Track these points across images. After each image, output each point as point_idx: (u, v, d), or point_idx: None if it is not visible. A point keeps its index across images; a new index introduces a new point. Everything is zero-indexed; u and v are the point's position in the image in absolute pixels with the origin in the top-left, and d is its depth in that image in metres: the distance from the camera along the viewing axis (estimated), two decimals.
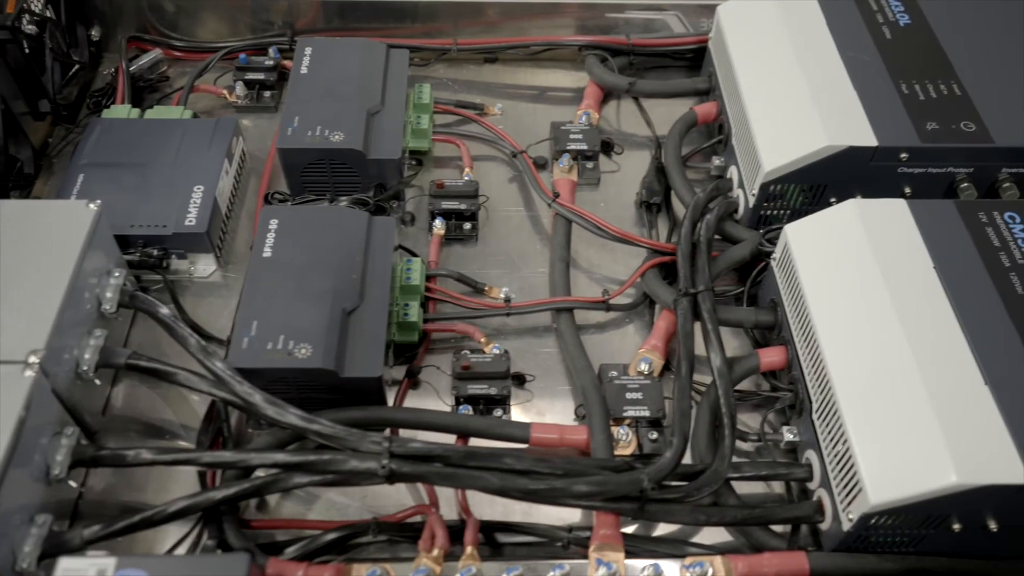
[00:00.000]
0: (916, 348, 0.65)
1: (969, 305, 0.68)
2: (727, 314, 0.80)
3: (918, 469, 0.60)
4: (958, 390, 0.63)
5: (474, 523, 0.68)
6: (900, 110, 0.82)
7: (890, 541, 0.66)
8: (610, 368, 0.79)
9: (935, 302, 0.68)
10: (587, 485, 0.63)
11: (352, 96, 0.90)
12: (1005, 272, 0.70)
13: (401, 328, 0.79)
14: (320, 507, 0.73)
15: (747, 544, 0.71)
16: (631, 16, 1.06)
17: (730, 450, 0.69)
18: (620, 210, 0.94)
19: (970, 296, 0.68)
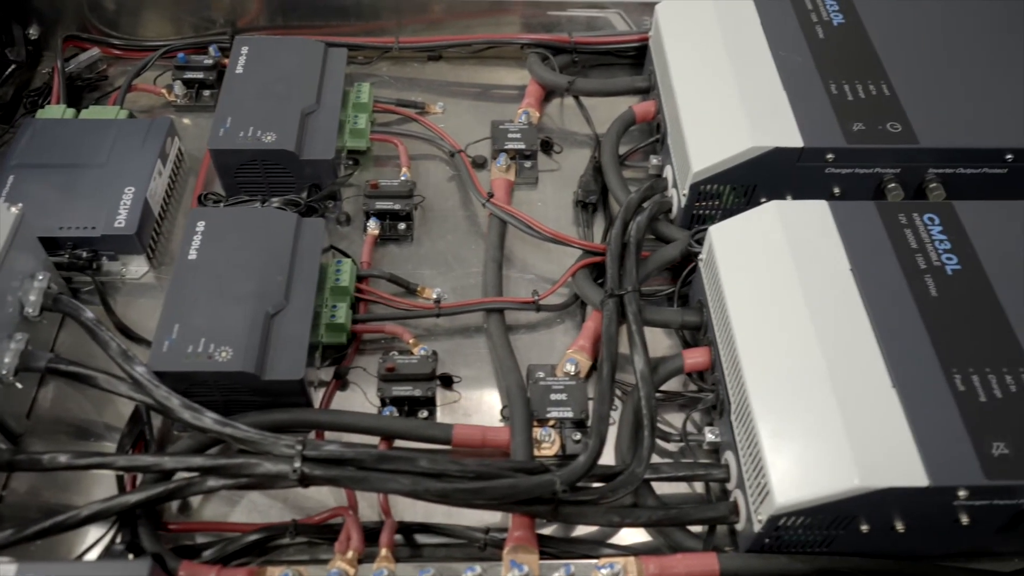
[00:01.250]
0: (826, 350, 0.66)
1: (882, 307, 0.68)
2: (654, 315, 0.80)
3: (822, 471, 0.61)
4: (865, 392, 0.64)
5: (391, 525, 0.68)
6: (828, 111, 0.82)
7: (803, 541, 0.66)
8: (538, 369, 0.79)
9: (849, 304, 0.69)
10: (498, 488, 0.64)
11: (287, 96, 0.90)
12: (920, 274, 0.70)
13: (329, 329, 0.79)
14: (243, 509, 0.73)
15: (667, 545, 0.71)
16: (573, 14, 1.06)
17: (648, 452, 0.69)
18: (558, 209, 0.94)
19: (884, 298, 0.69)
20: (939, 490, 0.60)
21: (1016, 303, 0.69)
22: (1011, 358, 0.65)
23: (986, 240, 0.73)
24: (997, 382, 0.64)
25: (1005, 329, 0.67)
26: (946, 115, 0.82)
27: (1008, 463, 0.60)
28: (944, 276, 0.70)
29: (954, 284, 0.70)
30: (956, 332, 0.67)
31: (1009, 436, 0.61)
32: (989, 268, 0.71)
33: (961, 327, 0.67)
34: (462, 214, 0.93)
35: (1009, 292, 0.69)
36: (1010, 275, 0.71)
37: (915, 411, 0.62)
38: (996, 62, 0.87)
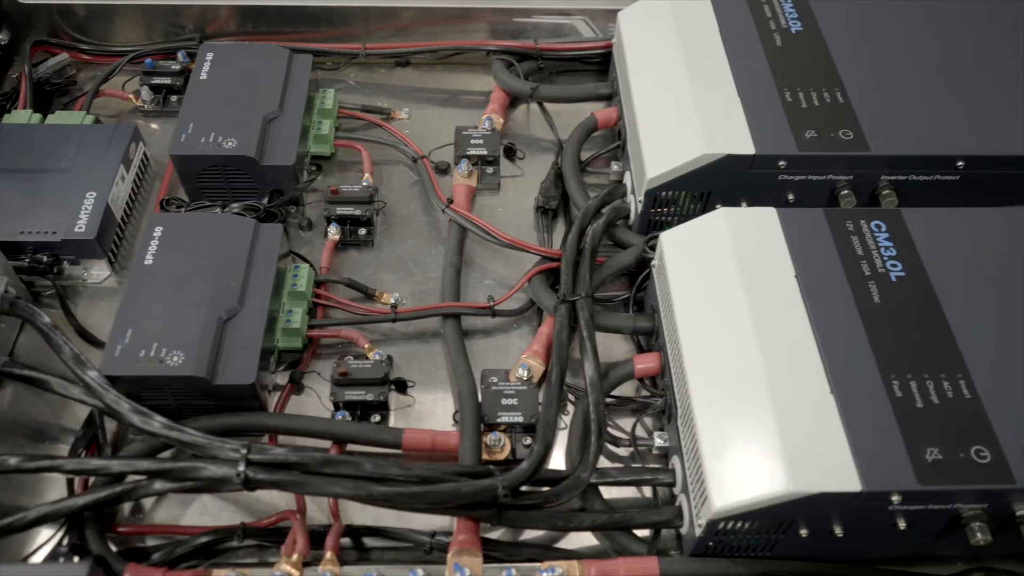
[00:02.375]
0: (767, 356, 0.66)
1: (825, 313, 0.69)
2: (607, 320, 0.81)
3: (757, 477, 0.62)
4: (803, 398, 0.64)
5: (338, 528, 0.69)
6: (781, 118, 0.83)
7: (745, 545, 0.67)
8: (491, 374, 0.80)
9: (792, 310, 0.69)
10: (440, 492, 0.64)
11: (250, 102, 0.91)
12: (864, 280, 0.71)
13: (285, 334, 0.80)
14: (195, 511, 0.74)
15: (613, 548, 0.72)
16: (539, 21, 1.07)
17: (595, 458, 0.70)
18: (519, 215, 0.95)
19: (827, 304, 0.69)
20: (872, 495, 0.60)
21: (958, 309, 0.69)
22: (950, 364, 0.66)
23: (932, 247, 0.74)
24: (935, 388, 0.65)
25: (946, 335, 0.68)
26: (899, 123, 0.83)
27: (941, 468, 0.61)
28: (888, 283, 0.71)
29: (897, 291, 0.70)
30: (896, 338, 0.67)
31: (943, 442, 0.62)
32: (933, 275, 0.72)
33: (902, 333, 0.68)
34: (423, 219, 0.94)
35: (952, 298, 0.70)
36: (953, 282, 0.71)
37: (851, 417, 0.63)
38: (950, 70, 0.88)
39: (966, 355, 0.67)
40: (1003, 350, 0.67)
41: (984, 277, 0.72)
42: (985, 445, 0.62)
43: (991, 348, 0.67)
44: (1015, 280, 0.71)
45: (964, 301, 0.70)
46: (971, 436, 0.62)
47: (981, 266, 0.73)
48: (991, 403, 0.64)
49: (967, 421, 0.63)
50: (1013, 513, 0.63)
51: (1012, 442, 0.62)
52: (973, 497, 0.62)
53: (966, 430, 0.63)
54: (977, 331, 0.68)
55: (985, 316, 0.69)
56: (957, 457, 0.61)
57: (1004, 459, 0.61)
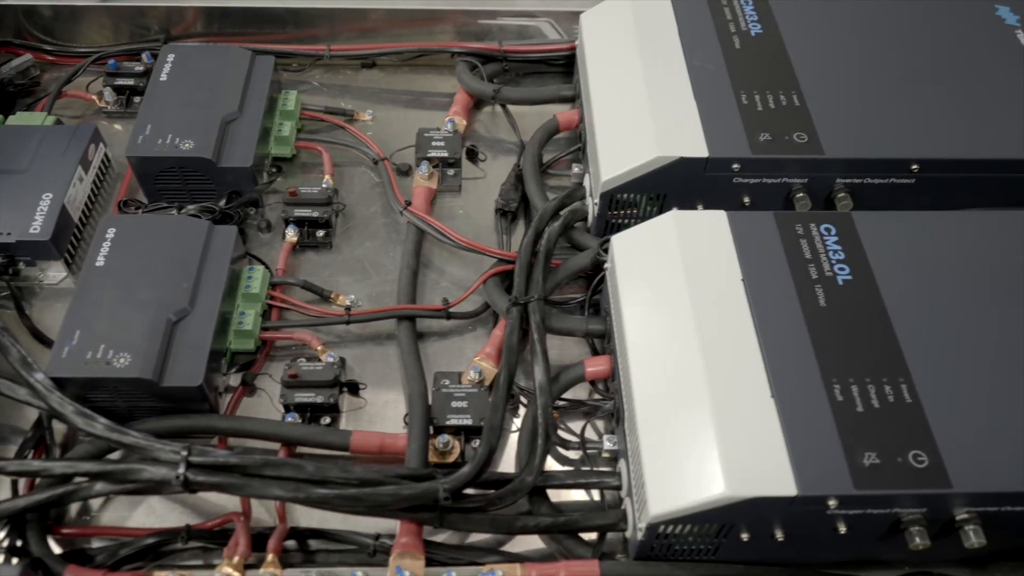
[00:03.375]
0: (709, 360, 0.66)
1: (769, 317, 0.69)
2: (559, 323, 0.81)
3: (693, 481, 0.61)
4: (743, 402, 0.64)
5: (281, 530, 0.69)
6: (736, 121, 0.83)
7: (689, 549, 0.67)
8: (443, 376, 0.80)
9: (736, 314, 0.69)
10: (380, 495, 0.64)
11: (209, 104, 0.91)
12: (811, 284, 0.71)
13: (237, 336, 0.80)
14: (142, 513, 0.74)
15: (560, 552, 0.72)
16: (504, 23, 1.07)
17: (540, 462, 0.70)
18: (480, 217, 0.95)
19: (772, 308, 0.69)
20: (808, 500, 0.60)
21: (903, 313, 0.69)
22: (892, 368, 0.66)
23: (881, 251, 0.73)
24: (876, 392, 0.65)
25: (889, 339, 0.68)
26: (854, 126, 0.83)
27: (878, 473, 0.61)
28: (835, 286, 0.71)
29: (844, 294, 0.70)
30: (840, 342, 0.67)
31: (882, 446, 0.62)
32: (880, 279, 0.71)
33: (846, 337, 0.68)
34: (383, 221, 0.94)
35: (898, 302, 0.70)
36: (900, 285, 0.71)
37: (791, 421, 0.63)
38: (908, 74, 0.88)
39: (909, 359, 0.66)
40: (946, 355, 0.67)
41: (932, 281, 0.72)
42: (923, 450, 0.62)
43: (935, 352, 0.67)
44: (962, 284, 0.71)
45: (910, 305, 0.70)
46: (910, 440, 0.62)
47: (929, 270, 0.72)
48: (932, 408, 0.64)
49: (907, 425, 0.63)
50: (953, 517, 0.63)
51: (951, 446, 0.62)
52: (911, 501, 0.61)
53: (905, 435, 0.63)
54: (921, 335, 0.68)
55: (930, 320, 0.69)
56: (895, 462, 0.61)
57: (942, 463, 0.61)
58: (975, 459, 0.62)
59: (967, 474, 0.61)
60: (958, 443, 0.62)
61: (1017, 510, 0.62)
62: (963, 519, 0.62)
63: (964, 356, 0.67)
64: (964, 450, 0.62)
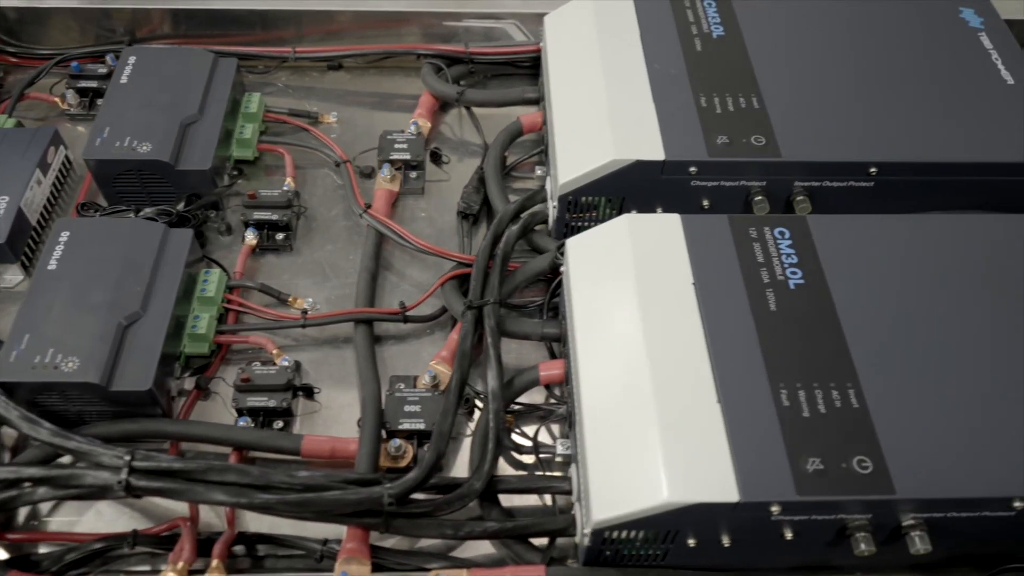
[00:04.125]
0: (655, 365, 0.66)
1: (719, 321, 0.68)
2: (515, 326, 0.81)
3: (635, 487, 0.61)
4: (688, 408, 0.64)
5: (228, 536, 0.69)
6: (695, 124, 0.82)
7: (638, 555, 0.66)
8: (399, 380, 0.80)
9: (686, 318, 0.69)
10: (324, 500, 0.64)
11: (169, 106, 0.91)
12: (763, 288, 0.71)
13: (191, 339, 0.80)
14: (91, 518, 0.73)
15: (510, 557, 0.71)
16: (470, 24, 1.06)
17: (489, 467, 0.70)
18: (442, 220, 0.95)
19: (722, 312, 0.69)
20: (751, 506, 0.60)
21: (854, 318, 0.69)
22: (840, 373, 0.66)
23: (834, 254, 0.73)
24: (823, 397, 0.64)
25: (839, 344, 0.67)
26: (812, 129, 0.83)
27: (821, 479, 0.60)
28: (786, 290, 0.70)
29: (795, 298, 0.70)
30: (789, 347, 0.67)
31: (826, 452, 0.61)
32: (832, 282, 0.71)
33: (795, 342, 0.67)
34: (344, 224, 0.94)
35: (849, 307, 0.69)
36: (852, 290, 0.71)
37: (736, 427, 0.62)
38: (869, 77, 0.87)
39: (858, 364, 0.66)
40: (896, 359, 0.67)
41: (884, 285, 0.71)
42: (868, 455, 0.61)
43: (884, 357, 0.67)
44: (915, 289, 0.71)
45: (861, 309, 0.69)
46: (855, 446, 0.62)
47: (883, 274, 0.72)
48: (879, 413, 0.63)
49: (852, 431, 0.63)
50: (900, 524, 0.62)
51: (896, 452, 0.62)
52: (856, 507, 0.61)
53: (850, 440, 0.62)
54: (871, 340, 0.68)
55: (881, 325, 0.69)
56: (839, 467, 0.61)
57: (886, 469, 0.61)
58: (920, 465, 0.61)
59: (911, 480, 0.61)
60: (904, 449, 0.62)
61: (963, 516, 0.62)
62: (909, 525, 0.62)
63: (913, 361, 0.67)
64: (909, 456, 0.62)
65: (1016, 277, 0.72)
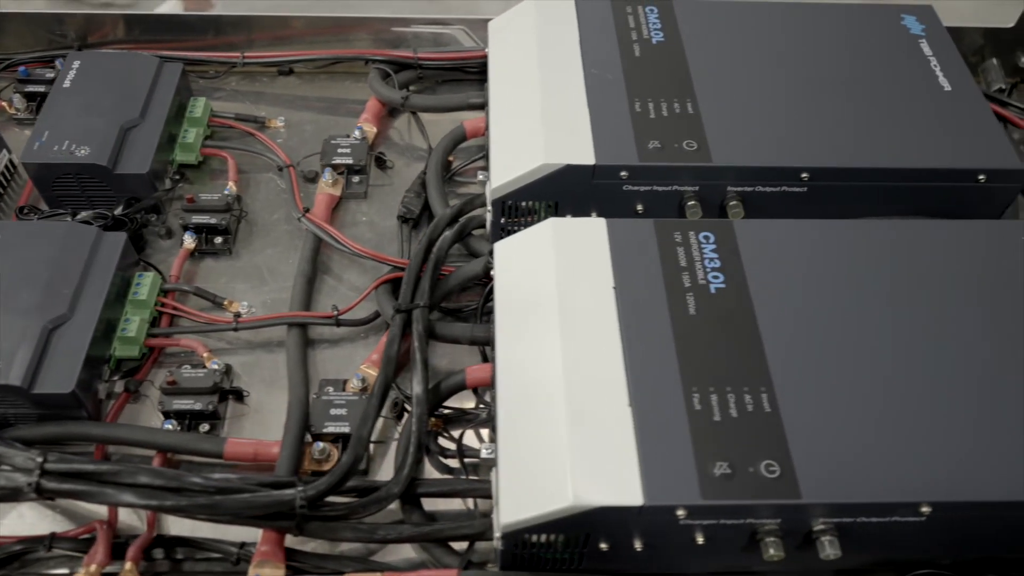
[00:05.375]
0: (569, 369, 0.66)
1: (636, 325, 0.68)
2: (445, 330, 0.81)
3: (541, 490, 0.61)
4: (598, 411, 0.63)
5: (143, 539, 0.69)
6: (627, 128, 0.82)
7: (554, 559, 0.66)
8: (328, 383, 0.80)
9: (603, 322, 0.69)
10: (234, 502, 0.64)
11: (110, 110, 0.91)
12: (683, 292, 0.70)
13: (121, 342, 0.80)
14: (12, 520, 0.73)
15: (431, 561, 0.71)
16: (418, 30, 1.07)
17: (408, 471, 0.69)
18: (384, 224, 0.95)
19: (640, 316, 0.69)
20: (655, 509, 0.59)
21: (773, 322, 0.69)
22: (755, 378, 0.65)
23: (757, 259, 0.73)
24: (736, 402, 0.64)
25: (756, 348, 0.67)
26: (745, 134, 0.83)
27: (727, 483, 0.60)
28: (707, 294, 0.70)
29: (715, 302, 0.70)
30: (705, 351, 0.67)
31: (734, 456, 0.61)
32: (753, 287, 0.71)
33: (711, 346, 0.67)
34: (285, 228, 0.94)
35: (768, 311, 0.69)
36: (773, 294, 0.71)
37: (645, 430, 0.62)
38: (804, 83, 0.87)
39: (773, 369, 0.66)
40: (812, 365, 0.67)
41: (806, 290, 0.71)
42: (777, 460, 0.61)
43: (800, 362, 0.67)
44: (835, 294, 0.71)
45: (781, 314, 0.69)
46: (764, 450, 0.62)
47: (804, 279, 0.72)
48: (790, 418, 0.63)
49: (763, 435, 0.62)
50: (811, 528, 0.62)
51: (805, 457, 0.61)
52: (763, 512, 0.61)
53: (760, 444, 0.62)
54: (789, 345, 0.67)
55: (799, 330, 0.69)
56: (746, 472, 0.61)
57: (794, 474, 0.61)
58: (829, 469, 0.61)
59: (818, 484, 0.60)
60: (814, 453, 0.62)
61: (873, 521, 0.62)
62: (819, 530, 0.62)
63: (829, 366, 0.67)
64: (819, 460, 0.61)
65: (938, 283, 0.72)
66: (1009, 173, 0.82)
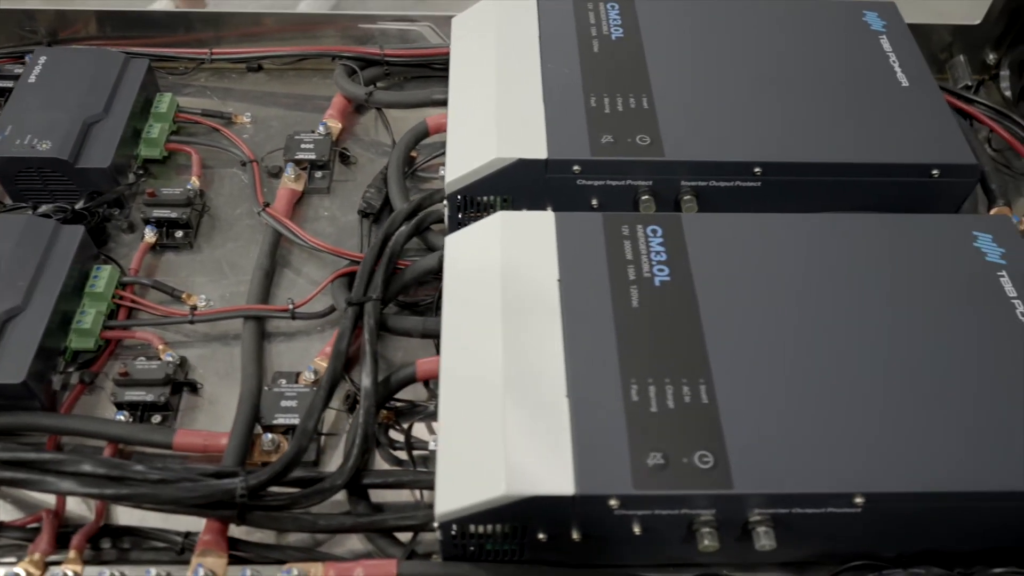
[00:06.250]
0: (509, 361, 0.66)
1: (578, 318, 0.69)
2: (397, 323, 0.81)
3: (476, 480, 0.61)
4: (536, 402, 0.64)
5: (88, 528, 0.69)
6: (581, 123, 0.83)
7: (496, 550, 0.66)
8: (281, 376, 0.80)
9: (546, 314, 0.69)
10: (174, 491, 0.65)
11: (73, 105, 0.92)
12: (627, 285, 0.71)
13: (77, 334, 0.81)
14: None
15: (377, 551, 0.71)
16: (385, 27, 1.07)
17: (353, 463, 0.70)
18: (345, 219, 0.95)
19: (583, 309, 0.69)
20: (588, 499, 0.60)
21: (715, 314, 0.69)
22: (694, 369, 0.66)
23: (703, 252, 0.73)
24: (673, 393, 0.64)
25: (697, 341, 0.67)
26: (699, 129, 0.83)
27: (660, 473, 0.60)
28: (651, 287, 0.71)
29: (659, 295, 0.70)
30: (645, 343, 0.67)
31: (669, 447, 0.61)
32: (698, 280, 0.71)
33: (652, 338, 0.67)
34: (247, 223, 0.95)
35: (711, 304, 0.70)
36: (717, 287, 0.71)
37: (581, 421, 0.63)
38: (760, 79, 0.88)
39: (713, 361, 0.66)
40: (752, 357, 0.67)
41: (750, 284, 0.72)
42: (711, 451, 0.61)
43: (740, 355, 0.67)
44: (779, 287, 0.71)
45: (724, 307, 0.70)
46: (699, 441, 0.62)
47: (749, 272, 0.72)
48: (727, 410, 0.64)
49: (698, 426, 0.63)
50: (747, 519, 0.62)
51: (740, 448, 0.62)
52: (698, 502, 0.61)
53: (695, 435, 0.62)
54: (730, 337, 0.68)
55: (741, 322, 0.69)
56: (680, 462, 0.61)
57: (727, 464, 0.61)
58: (764, 461, 0.61)
59: (751, 475, 0.61)
60: (749, 445, 0.62)
61: (808, 512, 0.62)
62: (755, 521, 0.62)
63: (768, 358, 0.67)
64: (754, 451, 0.62)
65: (882, 276, 0.72)
66: (963, 168, 0.82)
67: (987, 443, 0.62)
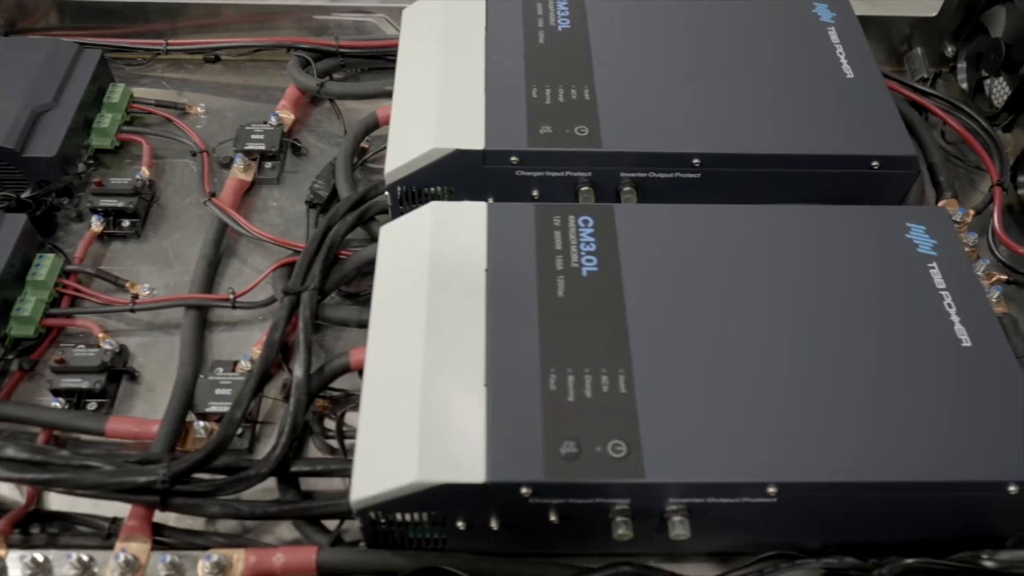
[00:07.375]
0: (430, 350, 0.66)
1: (503, 307, 0.69)
2: (334, 312, 0.82)
3: (389, 468, 0.61)
4: (453, 391, 0.64)
5: (15, 513, 0.70)
6: (521, 114, 0.83)
7: (419, 538, 0.67)
8: (219, 364, 0.81)
9: (471, 303, 0.69)
10: (94, 477, 0.65)
11: (21, 94, 0.92)
12: (554, 275, 0.71)
13: (17, 322, 0.81)
14: None
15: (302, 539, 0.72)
16: (340, 18, 1.08)
17: (280, 452, 0.70)
18: (293, 210, 0.96)
19: (508, 299, 0.69)
20: (499, 487, 0.60)
21: (639, 305, 0.69)
22: (614, 359, 0.66)
23: (633, 243, 0.73)
24: (592, 383, 0.64)
25: (619, 331, 0.67)
26: (638, 120, 0.83)
27: (572, 462, 0.60)
28: (578, 278, 0.71)
29: (585, 285, 0.70)
30: (568, 333, 0.67)
31: (583, 436, 0.62)
32: (626, 271, 0.71)
33: (575, 328, 0.67)
34: (195, 213, 0.95)
35: (637, 295, 0.70)
36: (643, 277, 0.71)
37: (497, 409, 0.63)
38: (709, 70, 0.88)
39: (634, 351, 0.66)
40: (673, 348, 0.67)
41: (676, 275, 0.72)
42: (625, 440, 0.62)
43: (662, 345, 0.67)
44: (705, 278, 0.71)
45: (649, 298, 0.70)
46: (613, 431, 0.62)
47: (677, 263, 0.72)
48: (645, 399, 0.64)
49: (615, 416, 0.63)
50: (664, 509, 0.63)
51: (655, 438, 0.62)
52: (613, 491, 0.61)
53: (610, 425, 0.62)
54: (653, 328, 0.68)
55: (665, 314, 0.69)
56: (593, 451, 0.61)
57: (640, 454, 0.61)
58: (677, 450, 0.62)
59: (664, 464, 0.61)
60: (664, 434, 0.62)
61: (724, 502, 0.62)
62: (670, 510, 0.62)
63: (690, 350, 0.67)
64: (668, 441, 0.62)
65: (809, 267, 0.72)
66: (902, 159, 0.82)
67: (903, 434, 0.62)
